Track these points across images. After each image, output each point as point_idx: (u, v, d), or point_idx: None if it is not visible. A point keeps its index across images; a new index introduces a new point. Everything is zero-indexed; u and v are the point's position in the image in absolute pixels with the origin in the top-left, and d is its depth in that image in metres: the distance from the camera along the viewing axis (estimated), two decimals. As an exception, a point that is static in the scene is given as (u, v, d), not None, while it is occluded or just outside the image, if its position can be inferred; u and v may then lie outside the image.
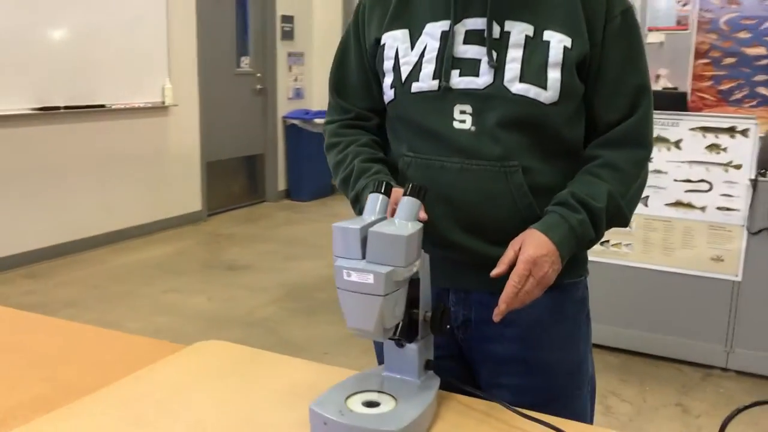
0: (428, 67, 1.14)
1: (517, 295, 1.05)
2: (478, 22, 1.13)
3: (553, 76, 1.11)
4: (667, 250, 3.20)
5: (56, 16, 4.62)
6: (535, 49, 1.11)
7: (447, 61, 1.13)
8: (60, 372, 1.21)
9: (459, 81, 1.12)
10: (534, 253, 1.06)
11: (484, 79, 1.11)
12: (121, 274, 4.53)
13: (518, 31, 1.11)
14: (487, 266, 1.12)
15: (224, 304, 4.04)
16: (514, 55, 1.11)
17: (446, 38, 1.14)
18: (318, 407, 0.98)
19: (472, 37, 1.13)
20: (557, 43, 1.11)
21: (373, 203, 0.99)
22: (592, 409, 1.33)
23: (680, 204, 3.16)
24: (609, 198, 1.13)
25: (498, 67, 1.11)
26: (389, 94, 1.19)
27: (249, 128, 6.65)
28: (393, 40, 1.18)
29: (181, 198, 5.80)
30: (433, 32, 1.15)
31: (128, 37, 5.09)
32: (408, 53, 1.17)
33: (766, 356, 3.10)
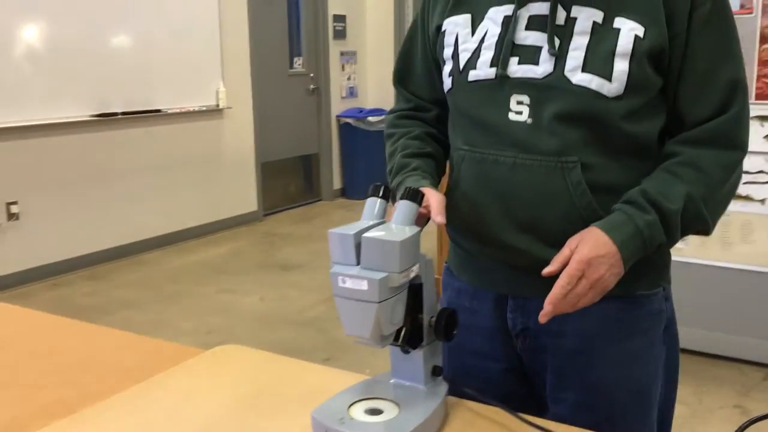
0: (487, 54, 1.08)
1: (566, 297, 0.97)
2: (543, 7, 1.05)
3: (620, 67, 1.01)
4: (725, 245, 3.07)
5: (112, 26, 4.76)
6: (603, 37, 1.02)
7: (506, 48, 1.06)
8: (81, 377, 1.23)
9: (517, 69, 1.06)
10: (590, 253, 0.98)
11: (543, 68, 1.04)
12: (177, 275, 4.64)
13: (586, 17, 1.03)
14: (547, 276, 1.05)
15: (276, 304, 4.09)
16: (579, 43, 1.03)
17: (508, 23, 1.07)
18: (319, 415, 0.97)
19: (535, 23, 1.06)
20: (628, 31, 1.01)
21: (370, 207, 0.97)
22: None
23: (738, 197, 3.02)
24: (687, 200, 1.03)
25: (559, 56, 1.03)
26: (447, 82, 1.15)
27: (303, 128, 6.71)
28: (454, 26, 1.13)
29: (237, 199, 5.90)
30: (495, 17, 1.09)
31: (182, 43, 5.20)
32: (468, 39, 1.11)
33: (833, 355, 2.95)
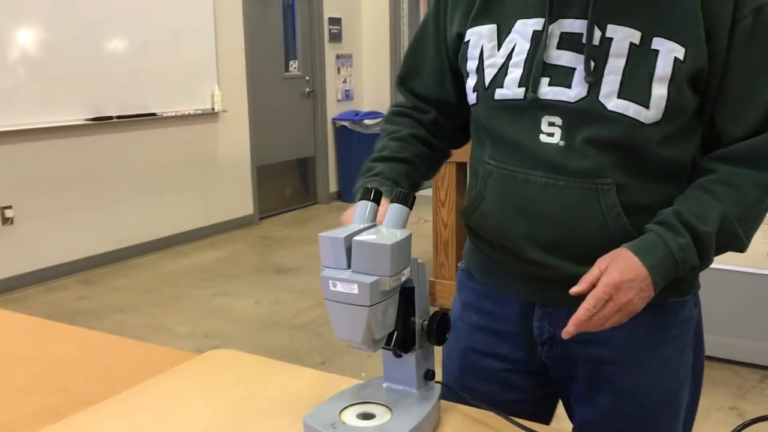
0: (515, 72, 1.02)
1: (592, 319, 0.94)
2: (576, 24, 0.99)
3: (659, 92, 0.96)
4: (721, 247, 3.07)
5: (107, 29, 4.74)
6: (641, 61, 0.96)
7: (537, 68, 1.00)
8: (72, 382, 1.22)
9: (548, 91, 1.00)
10: (619, 278, 0.94)
11: (576, 91, 0.98)
12: (172, 279, 4.63)
13: (622, 37, 0.97)
14: (572, 284, 1.01)
15: (271, 307, 4.08)
16: (615, 66, 0.97)
17: (538, 40, 1.00)
18: (311, 420, 0.96)
19: (568, 42, 0.99)
20: (667, 53, 0.95)
21: (361, 211, 0.97)
22: None
23: (733, 198, 3.02)
24: (722, 221, 0.99)
25: (595, 79, 0.97)
26: (472, 97, 1.09)
27: (299, 131, 6.70)
28: (478, 38, 1.06)
29: (233, 202, 5.90)
30: (524, 31, 1.02)
31: (177, 46, 5.20)
32: (494, 53, 1.05)
33: (828, 357, 2.95)
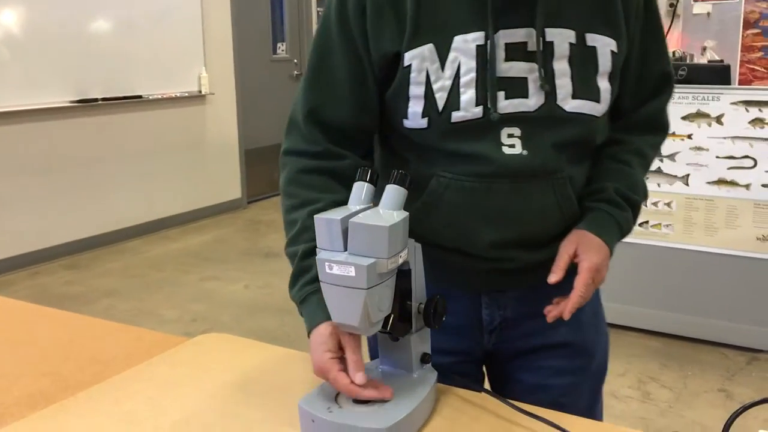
0: (468, 93, 0.99)
1: (581, 302, 1.00)
2: (519, 34, 0.98)
3: (604, 86, 1.02)
4: (710, 230, 3.08)
5: (92, 10, 4.67)
6: (583, 58, 1.00)
7: (492, 85, 0.98)
8: (62, 367, 1.20)
9: (507, 104, 0.99)
10: (596, 260, 1.01)
11: (534, 100, 0.99)
12: (160, 263, 4.60)
13: (561, 39, 0.99)
14: (525, 269, 1.09)
15: (260, 291, 4.06)
16: (562, 68, 0.99)
17: (483, 55, 0.98)
18: (306, 404, 0.94)
19: (514, 52, 0.98)
20: (603, 47, 1.00)
21: (358, 192, 0.95)
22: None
23: (723, 182, 3.03)
24: (642, 187, 1.12)
25: (549, 85, 0.99)
26: (419, 122, 1.02)
27: (287, 114, 6.61)
28: (421, 61, 0.99)
29: (221, 186, 5.85)
30: (465, 48, 0.98)
31: (163, 27, 5.13)
32: (440, 76, 0.99)
33: (816, 339, 2.98)
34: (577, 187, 1.09)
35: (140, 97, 5.01)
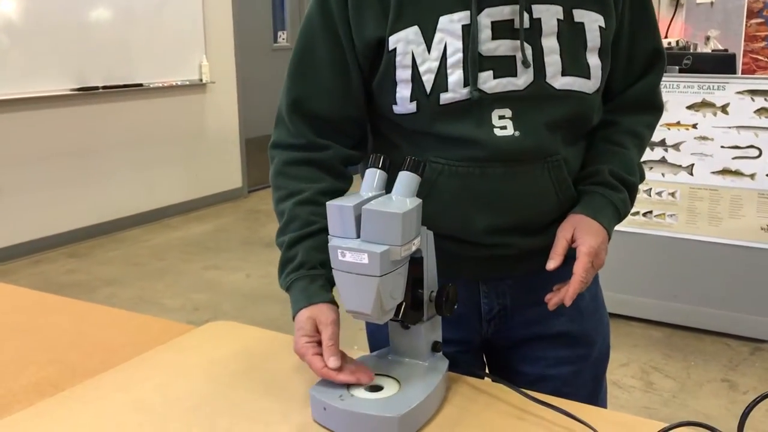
0: (456, 74, 0.98)
1: (582, 288, 0.98)
2: (505, 11, 0.97)
3: (594, 62, 1.01)
4: (714, 220, 3.07)
5: (92, -3, 4.64)
6: (571, 35, 0.99)
7: (473, 64, 0.97)
8: (68, 354, 1.19)
9: (495, 84, 0.98)
10: (595, 244, 1.00)
11: (523, 79, 0.98)
12: (161, 252, 4.59)
13: (549, 15, 0.98)
14: (523, 256, 1.07)
15: (262, 281, 4.06)
16: (551, 46, 0.98)
17: (469, 35, 0.97)
18: (318, 392, 0.94)
19: (501, 30, 0.97)
20: (591, 23, 1.00)
21: (370, 179, 0.93)
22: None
23: (728, 172, 3.02)
24: (638, 168, 1.11)
25: (537, 62, 0.98)
26: (408, 106, 1.01)
27: (288, 104, 6.61)
28: (405, 44, 0.98)
29: (221, 175, 5.84)
30: (450, 28, 0.97)
31: (164, 15, 5.10)
32: (426, 57, 0.98)
33: (819, 329, 2.97)
34: (573, 170, 1.07)
35: (141, 85, 4.99)
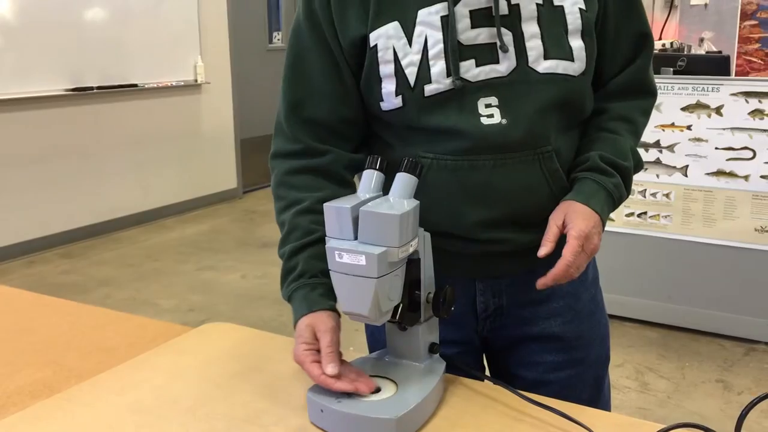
0: (439, 65, 0.99)
1: (568, 271, 0.98)
2: (482, 0, 0.99)
3: (577, 44, 1.01)
4: (709, 221, 3.08)
5: (87, -3, 4.63)
6: (552, 18, 1.00)
7: (453, 53, 0.98)
8: (64, 356, 1.19)
9: (478, 72, 0.99)
10: (585, 227, 0.99)
11: (506, 65, 0.99)
12: (156, 253, 4.58)
13: (528, 0, 0.99)
14: (519, 252, 1.07)
15: (258, 281, 4.05)
16: (531, 30, 0.99)
17: (448, 25, 0.98)
18: (315, 394, 0.94)
19: (479, 18, 0.99)
20: (571, 6, 1.01)
21: (367, 181, 0.94)
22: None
23: (722, 173, 3.03)
24: (632, 153, 1.10)
25: (518, 48, 0.99)
26: (394, 102, 1.02)
27: (283, 104, 6.61)
28: (386, 40, 1.00)
29: (216, 176, 5.83)
30: (430, 20, 0.99)
31: (159, 16, 5.09)
32: (407, 51, 0.99)
33: (813, 330, 2.99)
34: (566, 161, 1.07)
35: (136, 85, 4.98)
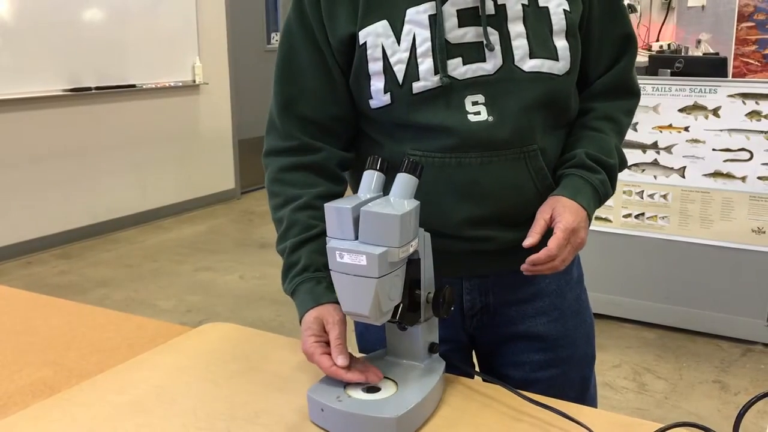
0: (426, 62, 1.01)
1: (554, 262, 1.00)
2: (469, 0, 1.01)
3: (561, 44, 1.04)
4: (706, 222, 3.09)
5: (85, -3, 4.63)
6: (537, 19, 1.03)
7: (441, 51, 1.00)
8: (64, 356, 1.19)
9: (465, 70, 1.01)
10: (572, 221, 1.01)
11: (492, 63, 1.01)
12: (153, 254, 4.57)
13: (514, 1, 1.02)
14: (505, 251, 1.08)
15: (256, 282, 4.05)
16: (517, 30, 1.02)
17: (436, 24, 1.01)
18: (315, 393, 0.94)
19: (467, 18, 1.01)
20: (556, 7, 1.04)
21: (368, 181, 0.94)
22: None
23: (719, 174, 3.04)
24: (617, 151, 1.13)
25: (504, 47, 1.01)
26: (382, 99, 1.04)
27: (281, 105, 6.61)
28: (375, 38, 1.02)
29: (214, 176, 5.83)
30: (418, 19, 1.01)
31: (157, 16, 5.09)
32: (396, 49, 1.01)
33: (810, 331, 2.99)
34: (551, 160, 1.09)
35: (134, 86, 4.97)
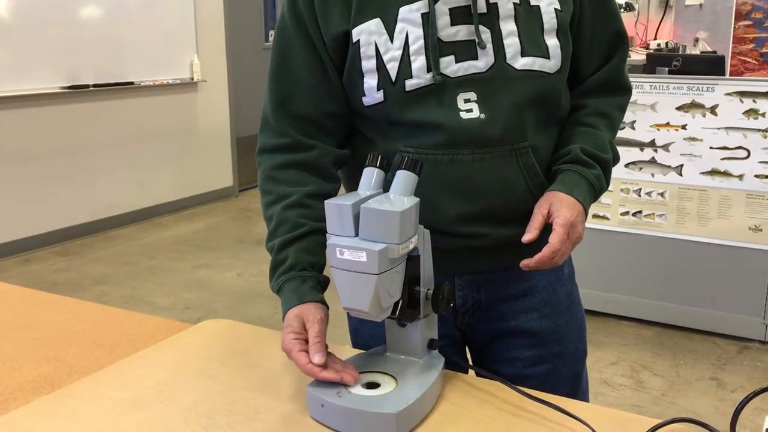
0: (419, 60, 1.02)
1: (553, 259, 1.00)
2: None
3: (552, 43, 1.05)
4: (703, 220, 3.10)
5: (83, -6, 4.63)
6: (528, 17, 1.04)
7: (433, 49, 1.01)
8: (64, 352, 1.20)
9: (458, 68, 1.02)
10: (570, 216, 1.02)
11: (484, 61, 1.02)
12: (152, 251, 4.58)
13: (505, 0, 1.03)
14: (497, 248, 1.09)
15: (254, 279, 4.06)
16: (509, 28, 1.03)
17: (428, 22, 1.02)
18: (315, 389, 0.95)
19: (459, 16, 1.02)
20: (547, 6, 1.05)
21: (368, 178, 0.95)
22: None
23: (716, 172, 3.05)
24: (610, 147, 1.14)
25: (496, 45, 1.02)
26: (375, 96, 1.05)
27: (279, 103, 6.60)
28: (368, 35, 1.03)
29: (212, 174, 5.83)
30: (411, 17, 1.02)
31: (155, 14, 5.09)
32: (389, 47, 1.03)
33: (806, 329, 3.01)
34: (543, 158, 1.10)
35: (132, 83, 4.97)
